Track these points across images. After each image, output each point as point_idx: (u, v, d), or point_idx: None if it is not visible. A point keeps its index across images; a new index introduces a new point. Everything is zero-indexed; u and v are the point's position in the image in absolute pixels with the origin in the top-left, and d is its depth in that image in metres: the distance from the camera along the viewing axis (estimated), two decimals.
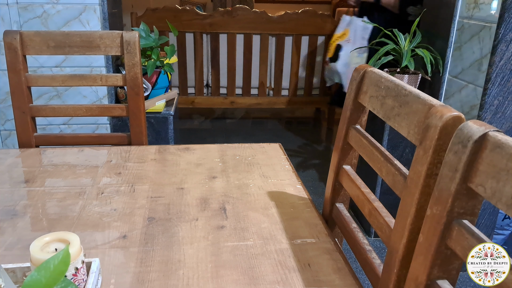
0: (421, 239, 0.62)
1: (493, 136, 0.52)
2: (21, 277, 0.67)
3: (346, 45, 2.58)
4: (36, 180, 1.10)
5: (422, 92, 0.71)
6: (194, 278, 0.75)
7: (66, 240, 0.66)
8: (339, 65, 2.60)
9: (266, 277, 0.76)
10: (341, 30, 2.67)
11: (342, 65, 2.60)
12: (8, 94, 1.84)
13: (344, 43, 2.59)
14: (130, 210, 0.96)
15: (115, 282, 0.74)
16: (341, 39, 2.62)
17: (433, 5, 2.00)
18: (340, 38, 2.63)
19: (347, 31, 2.61)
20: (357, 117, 0.94)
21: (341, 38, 2.63)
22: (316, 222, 0.94)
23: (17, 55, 1.29)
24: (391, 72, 1.96)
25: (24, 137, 1.35)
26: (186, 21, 3.21)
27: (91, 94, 1.92)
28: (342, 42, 2.60)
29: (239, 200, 1.02)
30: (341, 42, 2.61)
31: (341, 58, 2.59)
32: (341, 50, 2.59)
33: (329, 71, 2.76)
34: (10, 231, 0.88)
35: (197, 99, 3.42)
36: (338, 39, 2.63)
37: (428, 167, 0.63)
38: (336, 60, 2.62)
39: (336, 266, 0.80)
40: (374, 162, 0.83)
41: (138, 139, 1.38)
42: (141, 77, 1.35)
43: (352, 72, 2.29)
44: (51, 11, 1.80)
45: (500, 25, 1.58)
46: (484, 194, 0.53)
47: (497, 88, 1.66)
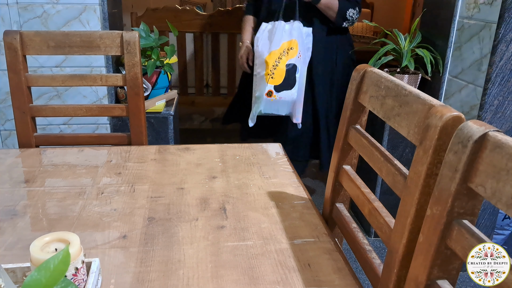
0: (421, 239, 0.62)
1: (493, 136, 0.52)
2: (21, 277, 0.67)
3: (299, 63, 1.90)
4: (36, 180, 1.10)
5: (422, 92, 0.71)
6: (194, 278, 0.75)
7: (66, 240, 0.66)
8: (295, 93, 1.92)
9: (266, 277, 0.76)
10: (283, 41, 1.89)
11: (298, 91, 1.93)
12: (8, 94, 1.84)
13: (297, 61, 1.89)
14: (130, 210, 0.96)
15: (115, 282, 0.74)
16: (291, 56, 1.88)
17: (433, 5, 2.00)
18: (289, 55, 1.88)
19: (294, 43, 1.88)
20: (357, 117, 0.94)
21: (290, 55, 1.88)
22: (316, 222, 0.94)
23: (17, 55, 1.29)
24: (391, 72, 1.96)
25: (24, 137, 1.35)
26: (186, 21, 3.21)
27: (91, 94, 1.92)
28: (295, 60, 1.89)
29: (239, 200, 1.02)
30: (293, 61, 1.88)
31: (299, 83, 1.91)
32: (297, 72, 1.89)
33: (275, 104, 1.94)
34: (10, 231, 0.88)
35: (197, 99, 3.42)
36: (286, 57, 1.87)
37: (428, 167, 0.63)
38: (291, 86, 1.90)
39: (336, 266, 0.80)
40: (374, 162, 0.83)
41: (138, 139, 1.38)
42: (141, 77, 1.35)
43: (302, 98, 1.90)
44: (51, 11, 1.80)
45: (500, 25, 1.58)
46: (484, 194, 0.53)
47: (497, 88, 1.66)
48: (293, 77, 1.89)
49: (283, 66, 1.87)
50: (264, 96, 1.89)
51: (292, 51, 1.88)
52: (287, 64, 1.88)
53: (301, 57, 1.89)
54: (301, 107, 1.98)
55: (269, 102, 1.92)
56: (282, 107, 1.96)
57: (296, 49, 1.88)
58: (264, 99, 1.91)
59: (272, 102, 1.91)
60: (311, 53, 1.97)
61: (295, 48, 1.88)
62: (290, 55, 1.88)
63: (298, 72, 1.90)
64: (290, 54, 1.87)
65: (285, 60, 1.87)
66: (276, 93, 1.89)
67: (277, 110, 1.96)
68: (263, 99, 1.90)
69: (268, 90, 1.88)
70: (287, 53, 1.87)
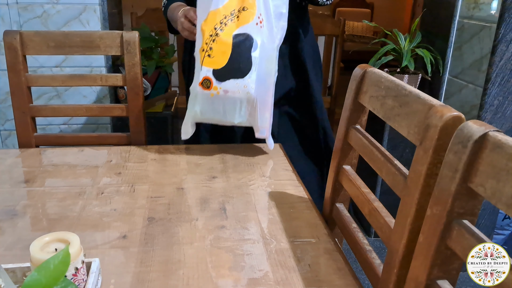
0: (421, 239, 0.62)
1: (493, 136, 0.52)
2: (21, 277, 0.67)
3: (259, 35, 1.12)
4: (36, 180, 1.10)
5: (422, 92, 0.71)
6: (194, 278, 0.75)
7: (66, 240, 0.66)
8: (252, 86, 1.12)
9: (266, 277, 0.76)
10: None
11: (260, 84, 1.15)
12: (8, 94, 1.84)
13: (254, 31, 1.12)
14: (130, 210, 0.96)
15: (115, 282, 0.74)
16: (243, 21, 1.12)
17: (433, 5, 2.00)
18: (240, 20, 1.12)
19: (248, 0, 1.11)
20: (357, 117, 0.94)
21: (241, 19, 1.12)
22: (316, 222, 0.94)
23: (17, 55, 1.29)
24: (391, 72, 1.96)
25: (24, 137, 1.35)
26: None
27: (91, 94, 1.92)
28: (249, 28, 1.11)
29: (239, 200, 1.02)
30: (246, 29, 1.11)
31: (259, 68, 1.13)
32: (253, 49, 1.12)
33: (217, 102, 1.15)
34: (10, 231, 0.88)
35: None
36: (234, 23, 1.11)
37: (428, 167, 0.63)
38: (243, 73, 1.12)
39: (336, 266, 0.80)
40: (374, 162, 0.83)
41: (138, 139, 1.38)
42: (141, 77, 1.35)
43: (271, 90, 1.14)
44: (51, 11, 1.80)
45: (500, 25, 1.58)
46: (484, 194, 0.53)
47: (497, 88, 1.66)
48: (246, 56, 1.10)
49: (228, 38, 1.09)
50: (198, 88, 1.12)
51: (245, 13, 1.11)
52: (235, 34, 1.10)
53: (263, 26, 1.12)
54: (268, 113, 1.19)
55: (208, 99, 1.14)
56: (230, 109, 1.15)
57: (253, 10, 1.11)
58: (199, 94, 1.14)
59: (213, 98, 1.13)
60: (288, 29, 1.17)
61: (250, 9, 1.11)
62: (241, 20, 1.11)
63: (257, 49, 1.12)
64: (241, 18, 1.11)
65: (232, 27, 1.10)
66: (218, 82, 1.11)
67: (222, 114, 1.16)
68: (198, 94, 1.14)
69: (203, 78, 1.11)
70: (236, 16, 1.11)
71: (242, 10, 1.11)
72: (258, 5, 1.12)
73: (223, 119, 1.17)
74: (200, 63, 1.11)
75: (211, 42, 1.10)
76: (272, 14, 1.14)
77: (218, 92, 1.12)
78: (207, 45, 1.10)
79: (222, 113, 1.16)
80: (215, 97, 1.13)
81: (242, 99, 1.13)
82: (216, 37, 1.09)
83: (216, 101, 1.14)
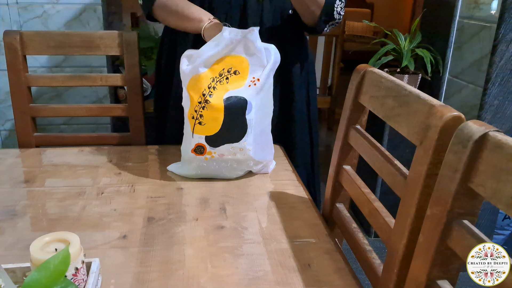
0: (421, 239, 0.62)
1: (493, 136, 0.52)
2: (21, 277, 0.67)
3: (250, 95, 1.04)
4: (36, 180, 1.10)
5: (422, 92, 0.71)
6: (194, 278, 0.75)
7: (66, 240, 0.66)
8: (250, 148, 1.07)
9: (266, 277, 0.76)
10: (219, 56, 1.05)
11: (258, 141, 1.09)
12: (8, 94, 1.84)
13: (247, 93, 1.04)
14: (130, 210, 0.96)
15: (115, 282, 0.74)
16: (234, 84, 1.05)
17: (433, 5, 2.00)
18: (230, 81, 1.04)
19: (240, 61, 1.05)
20: (357, 117, 0.94)
21: (232, 81, 1.04)
22: (316, 222, 0.94)
23: (17, 55, 1.29)
24: (391, 72, 1.96)
25: (24, 137, 1.35)
26: None
27: (91, 94, 1.92)
28: (242, 90, 1.04)
29: (239, 200, 1.02)
30: (239, 92, 1.04)
31: (254, 129, 1.06)
32: (248, 111, 1.04)
33: (213, 165, 1.10)
34: (10, 231, 0.88)
35: None
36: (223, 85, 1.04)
37: (428, 167, 0.63)
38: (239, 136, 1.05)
39: (336, 266, 0.80)
40: (374, 162, 0.83)
41: (138, 139, 1.38)
42: (141, 77, 1.35)
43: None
44: (51, 11, 1.80)
45: (500, 25, 1.58)
46: (484, 194, 0.53)
47: (497, 88, 1.66)
48: (240, 120, 1.03)
49: (219, 101, 1.02)
50: (191, 154, 1.08)
51: (236, 77, 1.04)
52: (226, 97, 1.02)
53: (258, 83, 1.04)
54: (269, 149, 1.16)
55: (202, 161, 1.08)
56: (227, 169, 1.10)
57: (245, 72, 1.05)
58: (192, 159, 1.09)
59: (208, 161, 1.08)
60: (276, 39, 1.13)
61: (242, 74, 1.04)
62: (232, 84, 1.04)
63: (252, 110, 1.03)
64: (232, 81, 1.04)
65: (222, 90, 1.03)
66: (212, 148, 1.06)
67: (220, 173, 1.11)
68: (191, 159, 1.09)
69: (195, 145, 1.06)
70: (225, 78, 1.04)
71: (234, 74, 1.04)
72: (253, 70, 1.05)
73: (220, 176, 1.12)
74: (191, 130, 1.05)
75: (200, 110, 1.03)
76: (265, 72, 1.05)
77: (212, 156, 1.07)
78: (197, 112, 1.03)
79: (219, 172, 1.11)
80: (209, 160, 1.08)
81: (239, 160, 1.08)
82: (205, 104, 1.02)
83: (211, 164, 1.09)
